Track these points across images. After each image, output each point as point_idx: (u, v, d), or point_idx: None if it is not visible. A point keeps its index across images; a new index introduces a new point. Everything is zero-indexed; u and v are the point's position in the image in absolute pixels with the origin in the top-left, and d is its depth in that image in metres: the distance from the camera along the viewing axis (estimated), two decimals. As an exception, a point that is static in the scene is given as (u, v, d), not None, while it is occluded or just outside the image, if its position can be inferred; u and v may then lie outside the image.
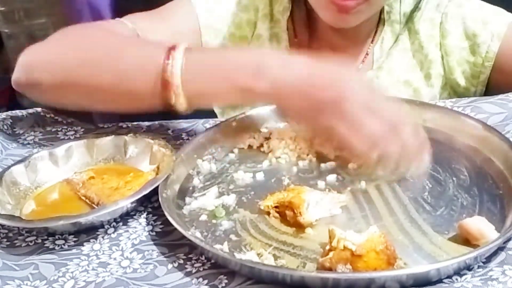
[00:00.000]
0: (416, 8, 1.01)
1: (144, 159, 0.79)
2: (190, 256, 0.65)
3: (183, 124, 0.90)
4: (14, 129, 0.92)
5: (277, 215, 0.69)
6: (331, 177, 0.75)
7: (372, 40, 1.04)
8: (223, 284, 0.60)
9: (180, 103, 0.75)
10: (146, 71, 0.76)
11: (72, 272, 0.64)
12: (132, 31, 0.93)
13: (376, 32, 1.04)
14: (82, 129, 0.91)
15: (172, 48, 0.75)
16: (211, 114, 1.04)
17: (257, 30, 1.04)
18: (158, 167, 0.76)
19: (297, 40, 1.05)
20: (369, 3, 0.91)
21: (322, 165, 0.77)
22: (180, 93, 0.74)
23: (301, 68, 0.73)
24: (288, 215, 0.68)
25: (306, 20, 1.04)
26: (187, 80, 0.74)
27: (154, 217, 0.71)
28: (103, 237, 0.69)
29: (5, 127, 0.92)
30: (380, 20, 1.04)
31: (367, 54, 1.03)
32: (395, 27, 1.02)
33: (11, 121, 0.93)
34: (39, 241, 0.69)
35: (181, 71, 0.74)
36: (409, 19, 1.01)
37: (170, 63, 0.74)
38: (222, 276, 0.61)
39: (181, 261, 0.64)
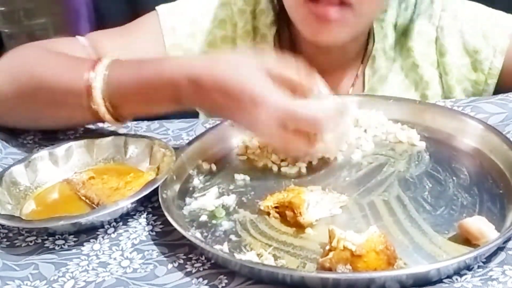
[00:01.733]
0: (409, 22, 0.96)
1: (144, 159, 0.79)
2: (190, 256, 0.65)
3: (183, 124, 0.90)
4: (14, 129, 0.92)
5: (277, 215, 0.69)
6: (332, 178, 0.75)
7: (362, 61, 0.99)
8: (223, 284, 0.60)
9: (107, 114, 0.78)
10: (74, 87, 0.78)
11: (72, 272, 0.64)
12: (82, 48, 0.93)
13: (365, 53, 0.99)
14: (82, 129, 0.91)
15: (96, 62, 0.78)
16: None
17: (238, 48, 0.99)
18: (158, 168, 0.76)
19: None
20: (353, 11, 0.85)
21: (322, 165, 0.78)
22: (103, 105, 0.77)
23: (223, 66, 0.73)
24: (288, 215, 0.68)
25: (291, 42, 0.99)
26: (108, 92, 0.76)
27: (154, 217, 0.71)
28: (103, 237, 0.69)
29: (5, 127, 0.91)
30: (369, 41, 0.98)
31: (357, 76, 0.99)
32: (386, 45, 0.98)
33: (11, 121, 0.93)
34: (39, 241, 0.69)
35: (103, 84, 0.76)
36: (402, 34, 0.97)
37: (93, 77, 0.76)
38: (222, 276, 0.61)
39: (181, 261, 0.64)
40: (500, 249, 0.61)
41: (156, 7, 1.01)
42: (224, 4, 1.00)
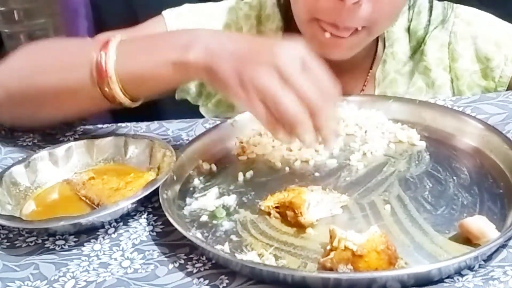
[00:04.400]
0: (422, 27, 0.96)
1: (144, 160, 0.79)
2: (191, 256, 0.65)
3: (183, 124, 0.90)
4: (13, 131, 0.92)
5: (277, 215, 0.69)
6: (332, 178, 0.75)
7: (371, 65, 0.99)
8: (224, 284, 0.60)
9: (118, 91, 0.76)
10: (84, 64, 0.77)
11: (72, 272, 0.64)
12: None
13: (375, 56, 0.99)
14: (81, 130, 0.91)
15: (107, 41, 0.77)
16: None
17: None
18: (158, 168, 0.76)
19: None
20: (368, 30, 0.85)
21: (323, 165, 0.78)
22: (115, 80, 0.75)
23: (232, 36, 0.75)
24: (288, 215, 0.68)
25: None
26: (119, 66, 0.75)
27: (155, 217, 0.71)
28: (103, 237, 0.69)
29: (4, 129, 0.91)
30: (378, 43, 0.99)
31: (367, 79, 0.99)
32: (398, 48, 0.97)
33: (10, 122, 0.93)
34: (40, 241, 0.69)
35: (114, 59, 0.75)
36: (415, 38, 0.97)
37: (104, 53, 0.76)
38: (223, 277, 0.61)
39: (182, 261, 0.64)
40: (501, 248, 0.61)
41: (163, 12, 1.00)
42: (230, 9, 1.01)
